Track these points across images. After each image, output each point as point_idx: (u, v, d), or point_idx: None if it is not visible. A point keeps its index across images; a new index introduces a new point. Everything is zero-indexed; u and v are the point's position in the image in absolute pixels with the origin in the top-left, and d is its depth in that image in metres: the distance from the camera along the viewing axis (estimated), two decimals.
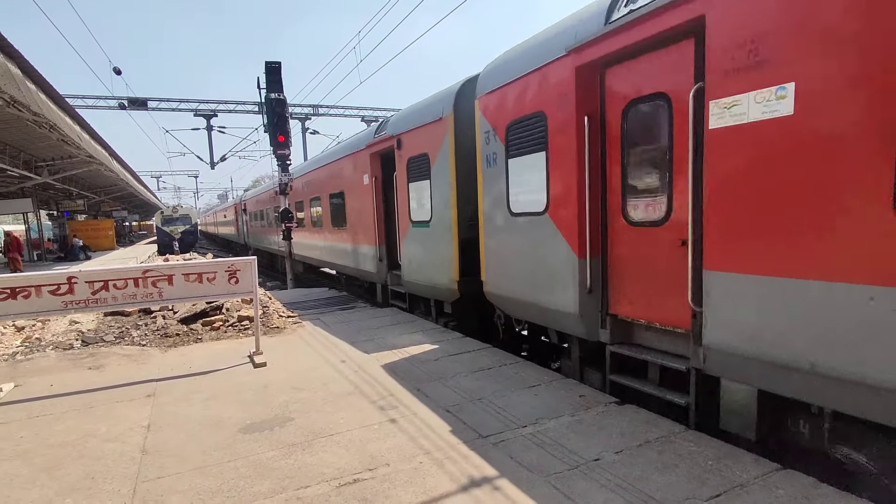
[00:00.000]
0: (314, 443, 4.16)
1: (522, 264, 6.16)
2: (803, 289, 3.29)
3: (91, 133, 17.62)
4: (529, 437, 4.07)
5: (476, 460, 3.75)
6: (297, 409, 4.92)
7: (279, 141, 14.13)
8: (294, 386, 5.59)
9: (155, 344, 7.75)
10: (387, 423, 4.49)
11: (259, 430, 4.45)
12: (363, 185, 10.91)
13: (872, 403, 3.02)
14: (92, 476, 3.79)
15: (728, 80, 3.64)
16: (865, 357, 3.02)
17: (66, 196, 32.46)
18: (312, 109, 34.29)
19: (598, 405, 4.64)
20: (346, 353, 6.82)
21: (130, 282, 6.09)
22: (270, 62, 13.82)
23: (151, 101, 29.80)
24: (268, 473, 3.69)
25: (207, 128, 31.45)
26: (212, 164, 32.20)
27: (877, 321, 2.95)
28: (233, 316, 8.69)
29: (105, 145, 20.66)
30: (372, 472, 3.63)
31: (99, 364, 6.81)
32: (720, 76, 3.70)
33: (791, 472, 3.35)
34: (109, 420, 4.86)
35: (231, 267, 6.56)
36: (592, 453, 3.76)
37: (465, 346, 6.86)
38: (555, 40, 5.40)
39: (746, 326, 3.66)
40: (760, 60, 3.43)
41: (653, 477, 3.39)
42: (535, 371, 5.71)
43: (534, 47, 5.82)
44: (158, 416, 4.90)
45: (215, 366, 6.50)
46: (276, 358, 6.71)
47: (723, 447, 3.75)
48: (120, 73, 19.99)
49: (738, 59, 3.57)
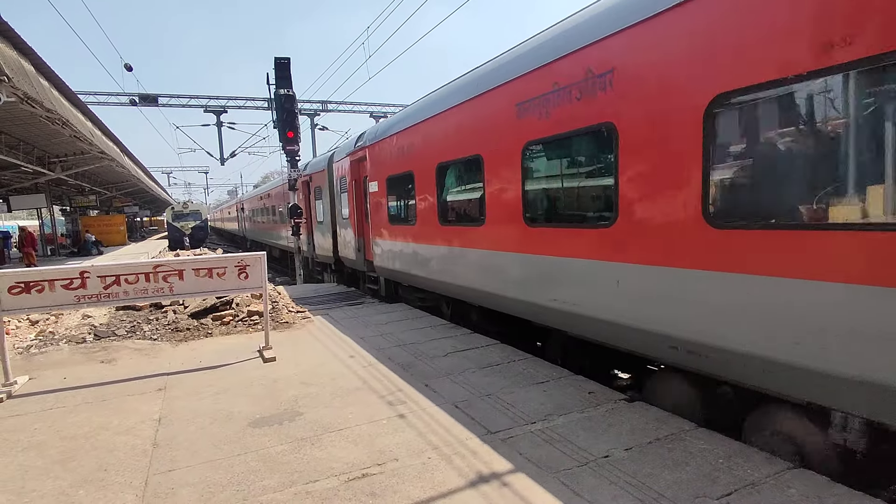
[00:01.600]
0: (323, 437, 4.17)
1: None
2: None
3: (103, 129, 17.78)
4: (538, 434, 4.06)
5: (485, 456, 3.74)
6: (306, 403, 4.95)
7: (288, 137, 14.17)
8: (303, 381, 5.62)
9: (166, 338, 7.82)
10: (395, 418, 4.50)
11: (268, 425, 4.48)
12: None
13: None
14: (105, 468, 3.83)
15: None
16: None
17: (79, 192, 32.83)
18: (321, 105, 34.29)
19: (607, 402, 4.62)
20: (354, 349, 6.84)
21: (142, 276, 6.14)
22: (279, 58, 13.82)
23: (162, 98, 29.93)
24: (277, 467, 3.71)
25: (217, 124, 31.57)
26: (221, 160, 32.36)
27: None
28: (242, 311, 8.74)
29: (116, 141, 20.84)
30: (380, 467, 3.64)
31: (111, 358, 6.88)
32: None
33: (804, 470, 3.31)
34: (121, 413, 4.92)
35: (241, 262, 6.59)
36: (602, 450, 3.74)
37: (474, 342, 6.86)
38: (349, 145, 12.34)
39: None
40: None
41: (662, 474, 3.37)
42: (544, 367, 5.69)
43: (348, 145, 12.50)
44: (169, 410, 4.95)
45: (225, 360, 6.55)
46: (286, 353, 6.75)
47: (733, 445, 3.71)
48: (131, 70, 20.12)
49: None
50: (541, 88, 5.37)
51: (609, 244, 4.69)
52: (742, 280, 3.56)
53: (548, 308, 5.57)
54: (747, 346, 3.56)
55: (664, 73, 4.03)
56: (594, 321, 4.95)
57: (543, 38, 5.58)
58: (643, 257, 4.35)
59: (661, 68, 4.05)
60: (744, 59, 3.42)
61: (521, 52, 5.92)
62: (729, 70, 3.53)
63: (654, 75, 4.10)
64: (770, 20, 3.25)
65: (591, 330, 5.07)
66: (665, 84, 4.03)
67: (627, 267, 4.51)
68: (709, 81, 3.66)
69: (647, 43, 4.13)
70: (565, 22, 5.34)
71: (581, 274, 5.07)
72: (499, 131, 6.20)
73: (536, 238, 5.71)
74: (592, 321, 4.97)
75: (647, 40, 4.13)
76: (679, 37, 3.87)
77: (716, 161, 3.71)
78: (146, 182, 36.81)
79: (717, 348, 3.77)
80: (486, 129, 6.50)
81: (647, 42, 4.13)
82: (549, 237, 5.51)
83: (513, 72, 5.90)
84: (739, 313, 3.60)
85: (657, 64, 4.07)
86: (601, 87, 4.60)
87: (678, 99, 3.92)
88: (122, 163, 23.05)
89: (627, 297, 4.54)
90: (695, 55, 3.76)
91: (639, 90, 4.24)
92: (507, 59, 6.21)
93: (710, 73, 3.64)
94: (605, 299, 4.79)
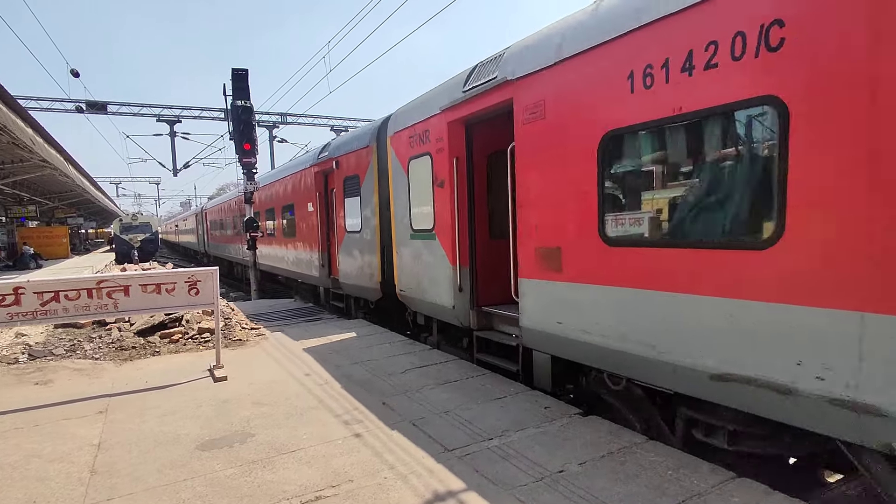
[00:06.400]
0: (276, 459, 4.04)
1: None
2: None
3: (45, 137, 16.87)
4: (495, 450, 4.07)
5: (441, 474, 3.72)
6: (259, 424, 4.79)
7: (245, 149, 13.88)
8: (256, 400, 5.44)
9: (109, 357, 7.42)
10: (351, 437, 4.42)
11: (218, 447, 4.30)
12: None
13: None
14: (34, 500, 3.57)
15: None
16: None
17: (17, 201, 30.92)
18: (280, 117, 33.77)
19: (562, 417, 4.69)
20: (310, 367, 6.69)
21: (84, 292, 5.83)
22: (237, 69, 13.61)
23: (112, 105, 28.77)
24: (226, 492, 3.56)
25: (171, 134, 30.57)
26: (174, 170, 31.29)
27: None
28: (193, 328, 8.41)
29: (60, 149, 19.79)
30: (335, 489, 3.55)
31: (47, 379, 6.46)
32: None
33: (745, 480, 3.46)
34: (56, 439, 4.61)
35: (192, 277, 6.36)
36: (557, 465, 3.78)
37: (433, 359, 6.84)
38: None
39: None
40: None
41: (615, 488, 3.44)
42: (501, 383, 5.73)
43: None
44: (110, 434, 4.68)
45: (173, 380, 6.26)
46: (238, 371, 6.52)
47: (682, 457, 3.84)
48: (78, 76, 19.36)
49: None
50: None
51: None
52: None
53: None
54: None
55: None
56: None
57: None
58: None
59: None
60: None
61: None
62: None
63: None
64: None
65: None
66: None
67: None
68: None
69: None
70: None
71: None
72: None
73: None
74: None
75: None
76: None
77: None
78: (92, 192, 35.05)
79: None
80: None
81: None
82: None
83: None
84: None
85: None
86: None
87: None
88: (66, 171, 21.90)
89: None
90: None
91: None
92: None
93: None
94: None
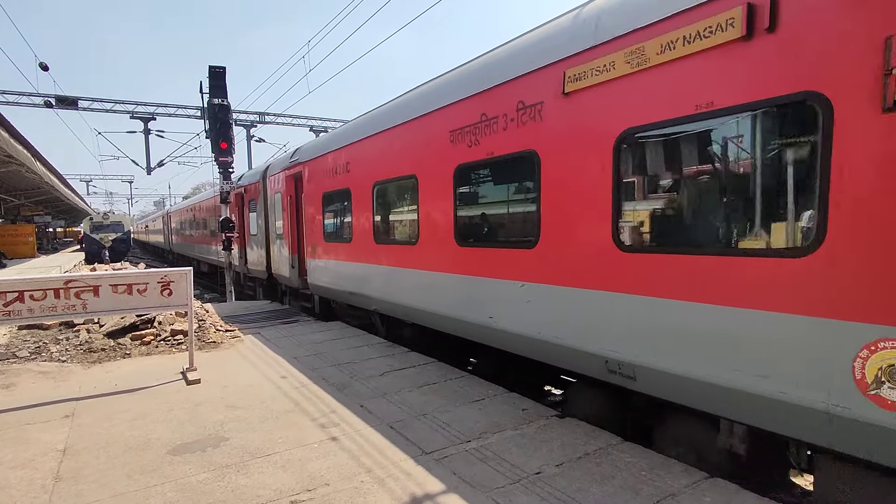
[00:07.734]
0: (250, 464, 3.97)
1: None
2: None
3: (11, 131, 16.29)
4: (473, 453, 4.07)
5: (419, 477, 3.70)
6: (233, 427, 4.70)
7: (222, 148, 13.61)
8: (230, 404, 5.34)
9: (77, 360, 7.19)
10: (328, 441, 4.36)
11: (190, 452, 4.20)
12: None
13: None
14: None
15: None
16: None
17: None
18: (258, 117, 33.24)
19: (539, 418, 4.72)
20: (286, 369, 6.60)
21: (50, 293, 5.63)
22: (214, 67, 13.33)
23: (83, 101, 27.93)
24: (198, 498, 3.48)
25: (145, 131, 29.81)
26: (148, 169, 30.53)
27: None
28: (165, 330, 8.21)
29: (27, 145, 19.14)
30: (311, 493, 3.50)
31: (9, 382, 6.23)
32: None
33: (717, 480, 3.53)
34: (18, 444, 4.45)
35: (164, 278, 6.22)
36: (534, 467, 3.80)
37: (411, 361, 6.81)
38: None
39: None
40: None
41: (591, 489, 3.47)
42: (480, 385, 5.73)
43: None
44: (77, 439, 4.53)
45: (144, 383, 6.10)
46: (212, 374, 6.39)
47: (656, 458, 3.90)
48: (47, 69, 18.71)
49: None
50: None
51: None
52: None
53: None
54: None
55: None
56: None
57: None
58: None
59: None
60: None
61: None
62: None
63: None
64: None
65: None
66: None
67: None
68: None
69: None
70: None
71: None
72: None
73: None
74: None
75: None
76: None
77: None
78: (61, 190, 33.96)
79: None
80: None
81: None
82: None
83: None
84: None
85: None
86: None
87: None
88: (34, 168, 21.19)
89: None
90: None
91: None
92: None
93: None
94: None
